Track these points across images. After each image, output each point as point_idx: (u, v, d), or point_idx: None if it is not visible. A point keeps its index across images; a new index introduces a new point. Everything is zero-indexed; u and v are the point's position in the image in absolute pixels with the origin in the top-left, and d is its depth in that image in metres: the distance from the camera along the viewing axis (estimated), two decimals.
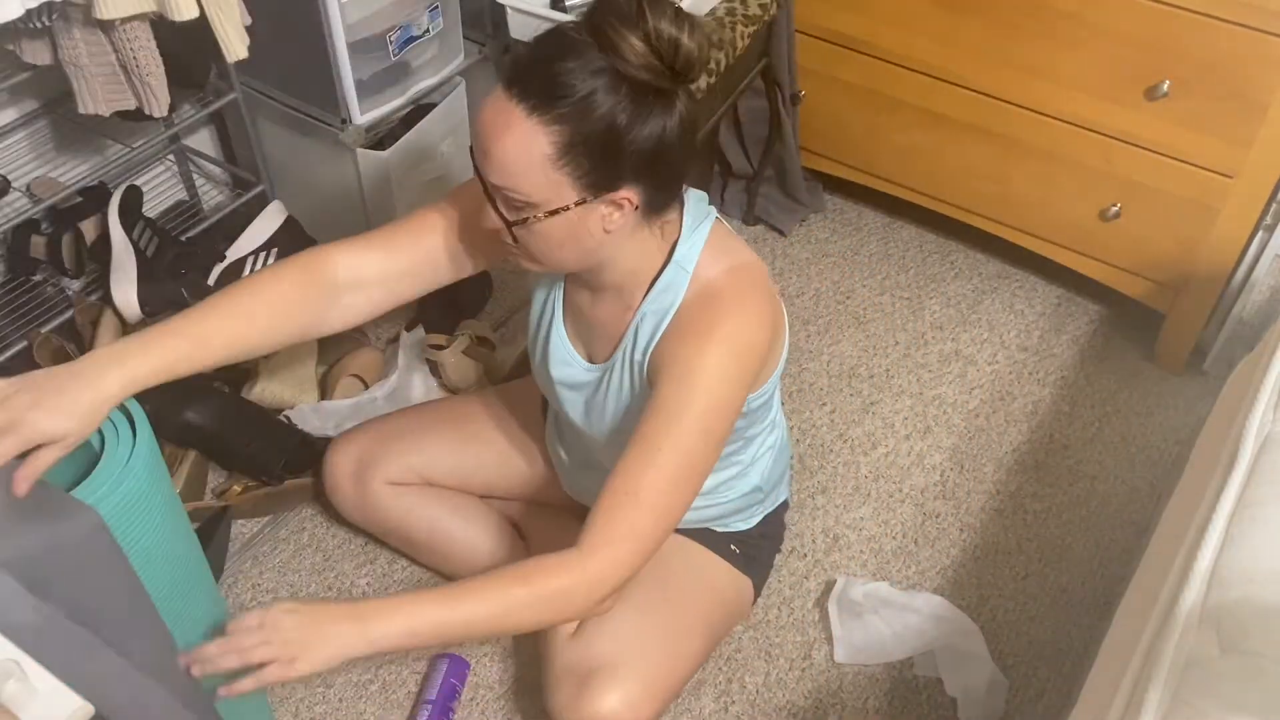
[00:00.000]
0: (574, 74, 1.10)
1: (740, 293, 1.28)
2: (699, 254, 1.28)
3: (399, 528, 1.69)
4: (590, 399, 1.43)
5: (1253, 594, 1.12)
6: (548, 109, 1.11)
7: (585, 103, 1.10)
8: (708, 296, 1.27)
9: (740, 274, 1.29)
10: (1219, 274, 1.98)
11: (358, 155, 1.95)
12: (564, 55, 1.11)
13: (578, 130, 1.11)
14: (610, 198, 1.17)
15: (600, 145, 1.12)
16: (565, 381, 1.44)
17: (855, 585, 1.71)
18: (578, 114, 1.11)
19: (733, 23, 1.94)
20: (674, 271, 1.28)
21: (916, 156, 2.19)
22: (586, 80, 1.10)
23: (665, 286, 1.29)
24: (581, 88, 1.10)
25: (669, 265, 1.29)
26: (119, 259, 1.85)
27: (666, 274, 1.29)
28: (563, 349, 1.42)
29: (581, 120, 1.11)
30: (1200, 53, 1.78)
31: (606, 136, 1.12)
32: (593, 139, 1.12)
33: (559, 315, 1.42)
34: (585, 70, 1.10)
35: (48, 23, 1.48)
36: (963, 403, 2.07)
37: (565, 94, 1.10)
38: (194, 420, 1.75)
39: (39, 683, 0.69)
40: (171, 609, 1.12)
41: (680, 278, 1.28)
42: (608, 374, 1.38)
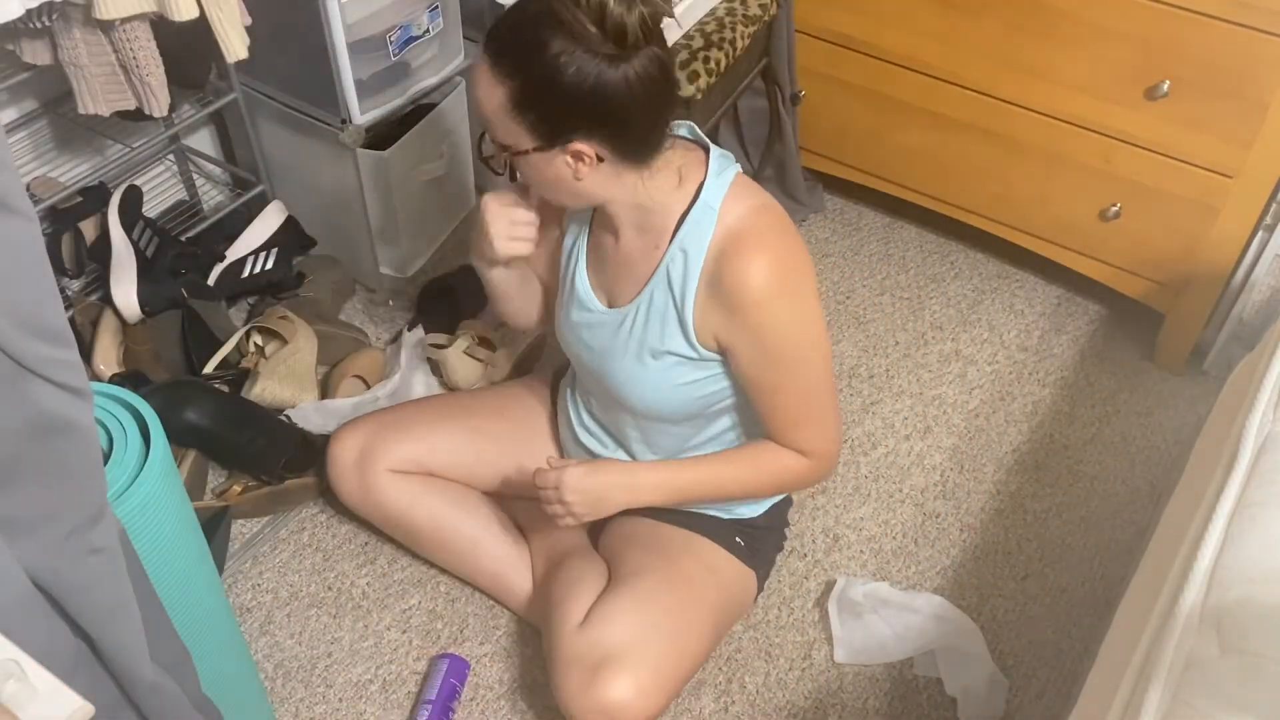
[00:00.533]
0: (524, 30, 1.23)
1: (764, 229, 1.36)
2: (725, 194, 1.36)
3: (401, 518, 1.69)
4: (609, 341, 1.47)
5: (1253, 594, 1.12)
6: (500, 63, 1.26)
7: (529, 58, 1.23)
8: (734, 238, 1.35)
9: (766, 212, 1.38)
10: (1219, 274, 1.98)
11: (358, 155, 1.95)
12: (523, 20, 1.24)
13: (525, 85, 1.24)
14: (568, 149, 1.28)
15: (544, 100, 1.25)
16: (584, 324, 1.49)
17: (855, 585, 1.71)
18: (524, 70, 1.24)
19: (733, 23, 1.94)
20: (701, 210, 1.36)
21: (917, 156, 2.19)
22: (534, 36, 1.22)
23: (694, 223, 1.36)
24: (529, 44, 1.23)
25: (696, 204, 1.36)
26: (119, 259, 1.85)
27: (694, 212, 1.36)
28: (584, 290, 1.48)
29: (527, 76, 1.24)
30: (1200, 53, 1.78)
31: (549, 93, 1.24)
32: (539, 94, 1.24)
33: (582, 262, 1.49)
34: (537, 27, 1.22)
35: (48, 23, 1.48)
36: (963, 403, 2.07)
37: (514, 50, 1.24)
38: (194, 420, 1.75)
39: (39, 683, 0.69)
40: (178, 609, 1.13)
41: (708, 215, 1.35)
42: (632, 314, 1.43)
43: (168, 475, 1.15)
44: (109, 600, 0.90)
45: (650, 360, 1.43)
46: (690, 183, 1.36)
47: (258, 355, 1.95)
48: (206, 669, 1.15)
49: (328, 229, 2.11)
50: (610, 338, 1.46)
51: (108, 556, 0.89)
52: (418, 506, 1.68)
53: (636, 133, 1.29)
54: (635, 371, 1.45)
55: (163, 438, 1.15)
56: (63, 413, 0.79)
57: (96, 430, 0.86)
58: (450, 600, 1.75)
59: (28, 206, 0.73)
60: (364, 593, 1.76)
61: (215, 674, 1.26)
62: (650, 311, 1.41)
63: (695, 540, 1.58)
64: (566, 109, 1.24)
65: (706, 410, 1.50)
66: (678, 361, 1.42)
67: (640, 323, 1.42)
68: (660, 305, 1.40)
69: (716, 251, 1.35)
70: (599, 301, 1.48)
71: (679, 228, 1.36)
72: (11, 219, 0.72)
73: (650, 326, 1.42)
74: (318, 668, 1.67)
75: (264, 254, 2.01)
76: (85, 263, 1.89)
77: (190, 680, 1.09)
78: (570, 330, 1.52)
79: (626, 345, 1.45)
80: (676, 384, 1.44)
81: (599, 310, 1.47)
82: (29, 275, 0.74)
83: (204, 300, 1.92)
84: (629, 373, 1.46)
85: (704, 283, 1.36)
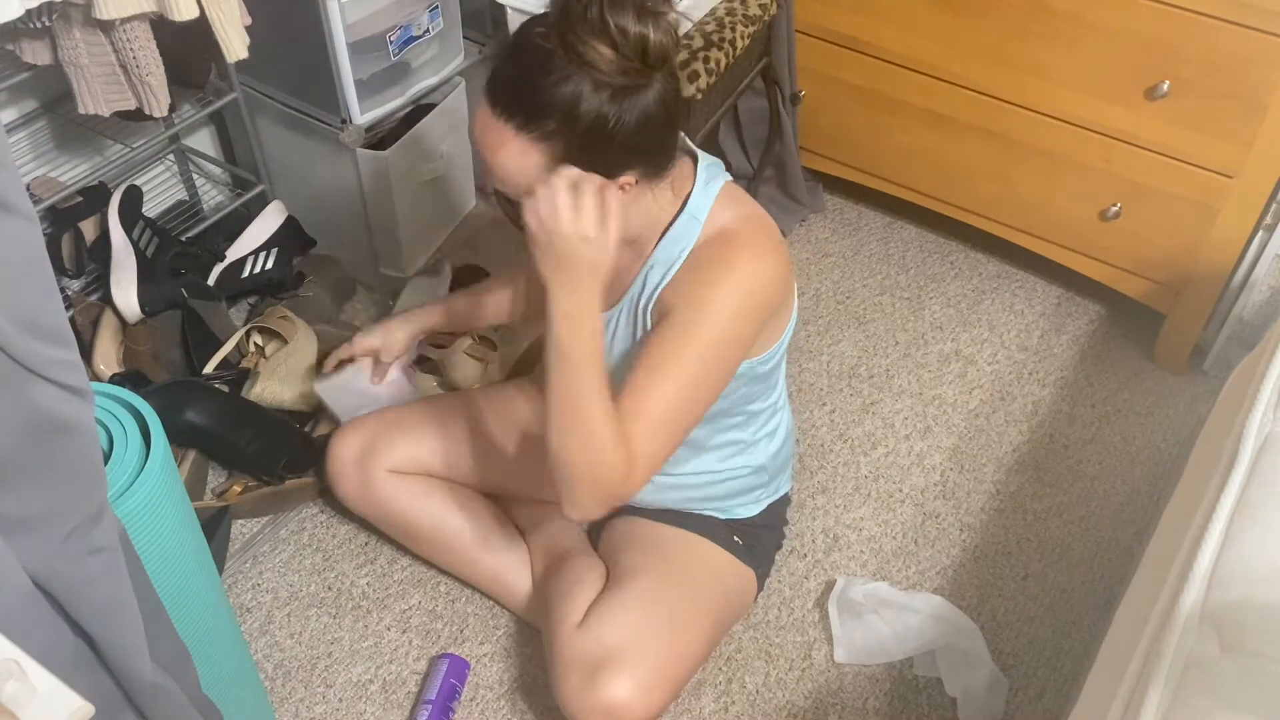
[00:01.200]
0: (554, 90, 1.14)
1: (754, 234, 1.33)
2: (711, 205, 1.33)
3: (400, 518, 1.69)
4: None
5: (1253, 594, 1.12)
6: (535, 126, 1.16)
7: (570, 115, 1.15)
8: (721, 238, 1.32)
9: (753, 221, 1.35)
10: (1219, 274, 1.98)
11: (358, 155, 1.95)
12: (540, 71, 1.14)
13: (568, 141, 1.16)
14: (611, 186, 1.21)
15: (592, 148, 1.17)
16: None
17: (855, 585, 1.71)
18: (565, 127, 1.15)
19: (733, 23, 1.94)
20: (686, 221, 1.33)
21: (917, 156, 2.19)
22: (567, 94, 1.14)
23: (677, 235, 1.34)
24: (563, 102, 1.14)
25: (681, 215, 1.33)
26: (119, 259, 1.85)
27: (679, 224, 1.33)
28: None
29: (570, 131, 1.16)
30: (1200, 53, 1.78)
31: (596, 140, 1.17)
32: (583, 145, 1.17)
33: None
34: (564, 84, 1.14)
35: (48, 23, 1.48)
36: (963, 403, 2.07)
37: (548, 111, 1.15)
38: (194, 420, 1.75)
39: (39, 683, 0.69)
40: (178, 608, 1.13)
41: (692, 226, 1.33)
42: (612, 322, 1.41)
43: (168, 475, 1.15)
44: (109, 600, 0.90)
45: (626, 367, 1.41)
46: (679, 193, 1.34)
47: (258, 355, 1.95)
48: (206, 669, 1.15)
49: (328, 229, 2.11)
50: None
51: (108, 556, 0.89)
52: (417, 507, 1.68)
53: (667, 150, 1.27)
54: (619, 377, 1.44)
55: (163, 438, 1.15)
56: (63, 413, 0.79)
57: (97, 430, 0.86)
58: (450, 600, 1.75)
59: (28, 206, 0.73)
60: (364, 593, 1.76)
61: (215, 674, 1.26)
62: (628, 319, 1.40)
63: (693, 540, 1.58)
64: (617, 151, 1.19)
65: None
66: None
67: (622, 328, 1.42)
68: (631, 312, 1.39)
69: (698, 248, 1.33)
70: None
71: (662, 238, 1.35)
72: (11, 219, 0.72)
73: (630, 331, 1.41)
74: (318, 668, 1.67)
75: (264, 254, 2.01)
76: (85, 263, 1.89)
77: (190, 680, 1.09)
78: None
79: (610, 350, 1.43)
80: None
81: None
82: (29, 275, 0.74)
83: (204, 300, 1.92)
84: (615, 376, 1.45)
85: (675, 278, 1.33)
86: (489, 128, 1.18)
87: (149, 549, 1.12)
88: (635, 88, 1.16)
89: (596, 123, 1.15)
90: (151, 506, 1.12)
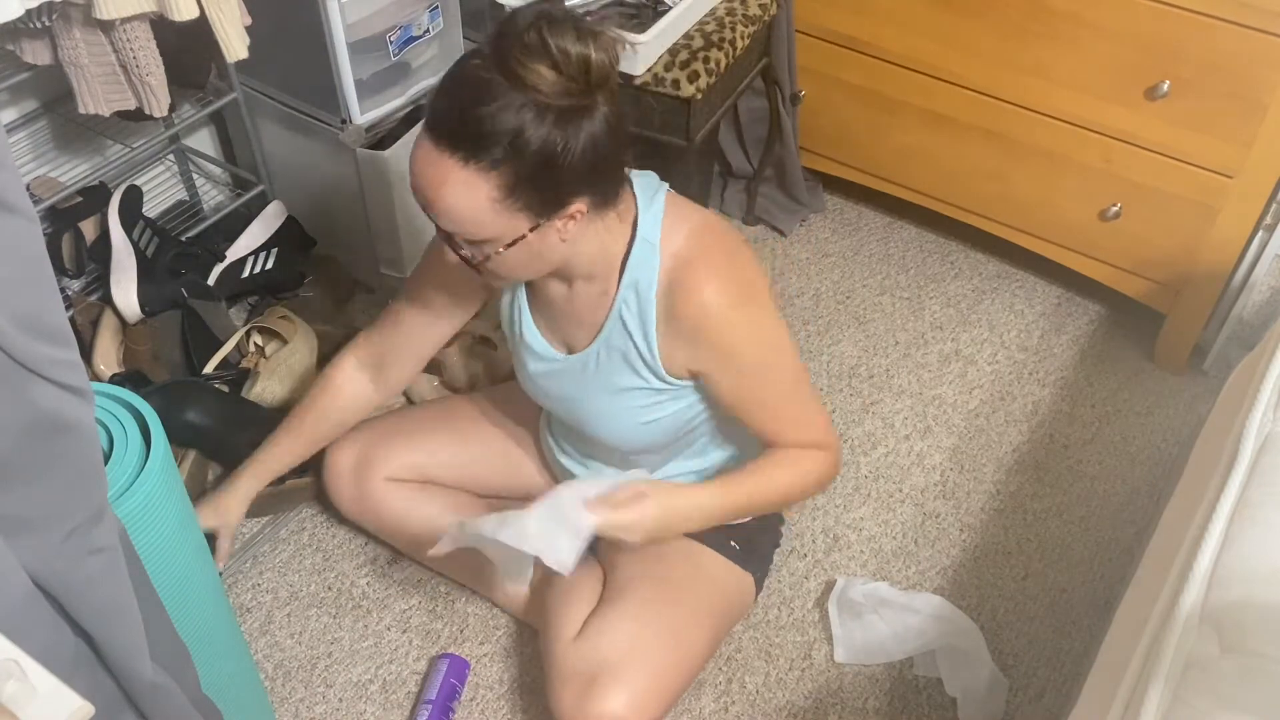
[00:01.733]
0: (497, 117, 1.11)
1: (707, 251, 1.32)
2: (660, 224, 1.32)
3: (398, 525, 1.69)
4: (573, 387, 1.44)
5: (1253, 594, 1.12)
6: (481, 157, 1.13)
7: (516, 143, 1.12)
8: (680, 269, 1.31)
9: (705, 234, 1.34)
10: (1219, 274, 1.98)
11: (358, 155, 1.95)
12: (482, 99, 1.12)
13: (516, 169, 1.13)
14: (562, 214, 1.20)
15: (541, 176, 1.15)
16: (543, 374, 1.46)
17: (855, 585, 1.71)
18: (512, 154, 1.12)
19: (733, 23, 1.94)
20: (641, 247, 1.31)
21: (917, 157, 2.19)
22: (511, 120, 1.11)
23: (637, 263, 1.32)
24: (508, 130, 1.11)
25: (635, 242, 1.31)
26: (119, 259, 1.85)
27: (635, 251, 1.32)
28: (537, 344, 1.45)
29: (518, 159, 1.13)
30: (1200, 53, 1.78)
31: (545, 167, 1.14)
32: (532, 173, 1.14)
33: (526, 315, 1.45)
34: (507, 110, 1.11)
35: (48, 23, 1.48)
36: (963, 403, 2.07)
37: (495, 140, 1.12)
38: (194, 420, 1.75)
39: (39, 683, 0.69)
40: (178, 608, 1.13)
41: (648, 252, 1.31)
42: (593, 359, 1.40)
43: (168, 475, 1.15)
44: (109, 600, 0.90)
45: (619, 397, 1.41)
46: (626, 218, 1.31)
47: (258, 355, 1.95)
48: (206, 669, 1.15)
49: (328, 229, 2.11)
50: (576, 383, 1.44)
51: (108, 556, 0.89)
52: (414, 514, 1.67)
53: (616, 177, 1.25)
54: (605, 410, 1.43)
55: (163, 438, 1.15)
56: (63, 412, 0.79)
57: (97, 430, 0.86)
58: (450, 600, 1.75)
59: (28, 206, 0.73)
60: (364, 593, 1.76)
61: (215, 674, 1.26)
62: (610, 352, 1.38)
63: (690, 547, 1.56)
64: (566, 178, 1.16)
65: (682, 433, 1.49)
66: (646, 394, 1.40)
67: (603, 363, 1.40)
68: (620, 345, 1.37)
69: (665, 286, 1.31)
70: (555, 350, 1.44)
71: (624, 269, 1.33)
72: (12, 219, 0.72)
73: (612, 366, 1.39)
74: (318, 668, 1.67)
75: (264, 254, 2.01)
76: (85, 263, 1.89)
77: (190, 680, 1.09)
78: (531, 382, 1.49)
79: (594, 387, 1.42)
80: (650, 417, 1.43)
81: (558, 358, 1.44)
82: (29, 275, 0.74)
83: (204, 300, 1.92)
84: (599, 411, 1.44)
85: (661, 319, 1.33)
86: (431, 163, 1.15)
87: (149, 549, 1.12)
88: (580, 109, 1.13)
89: (544, 148, 1.12)
90: (151, 506, 1.12)
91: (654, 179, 1.36)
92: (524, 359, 1.48)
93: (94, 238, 1.90)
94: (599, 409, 1.44)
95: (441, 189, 1.15)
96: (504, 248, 1.20)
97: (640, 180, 1.34)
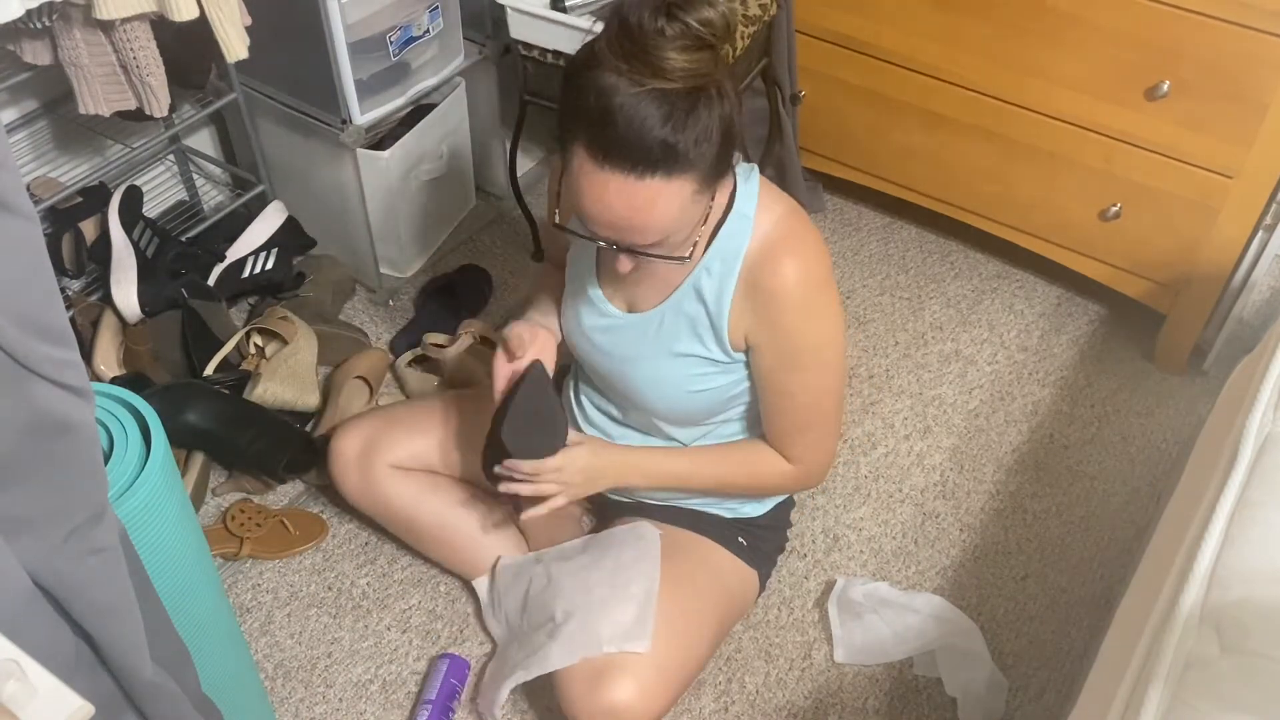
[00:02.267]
0: (676, 131, 1.14)
1: (800, 233, 1.37)
2: (756, 201, 1.36)
3: (402, 514, 1.69)
4: (629, 347, 1.45)
5: (1253, 594, 1.12)
6: (680, 167, 1.16)
7: (699, 144, 1.16)
8: (772, 244, 1.35)
9: (795, 216, 1.38)
10: (1219, 274, 1.98)
11: (358, 155, 1.95)
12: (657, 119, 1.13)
13: (708, 157, 1.18)
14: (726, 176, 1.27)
15: (724, 152, 1.20)
16: (600, 329, 1.47)
17: (855, 585, 1.71)
18: (699, 154, 1.16)
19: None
20: (737, 220, 1.36)
21: (917, 157, 2.19)
22: (694, 123, 1.14)
23: (730, 234, 1.36)
24: (689, 136, 1.14)
25: (730, 214, 1.35)
26: (119, 259, 1.85)
27: (730, 223, 1.35)
28: (598, 299, 1.47)
29: (701, 155, 1.17)
30: (1200, 53, 1.78)
31: (725, 143, 1.19)
32: (719, 152, 1.19)
33: (593, 269, 1.47)
34: (680, 119, 1.13)
35: (48, 23, 1.48)
36: (963, 403, 2.07)
37: (683, 150, 1.15)
38: (195, 422, 1.75)
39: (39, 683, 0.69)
40: (179, 608, 1.13)
41: (744, 225, 1.35)
42: (656, 320, 1.42)
43: (168, 475, 1.15)
44: (110, 600, 0.90)
45: (674, 362, 1.43)
46: (723, 191, 1.34)
47: (258, 356, 1.95)
48: (207, 669, 1.15)
49: (328, 229, 2.11)
50: (633, 343, 1.45)
51: (108, 556, 0.89)
52: (419, 503, 1.67)
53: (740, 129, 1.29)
54: (658, 374, 1.45)
55: (163, 438, 1.15)
56: (64, 412, 0.79)
57: (97, 430, 0.86)
58: (450, 600, 1.75)
59: (28, 206, 0.73)
60: (364, 593, 1.76)
61: (215, 674, 1.26)
62: (678, 318, 1.41)
63: (698, 541, 1.58)
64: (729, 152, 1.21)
65: (724, 410, 1.50)
66: (702, 364, 1.42)
67: (666, 327, 1.42)
68: (690, 312, 1.40)
69: (753, 258, 1.35)
70: (615, 307, 1.46)
71: (714, 238, 1.36)
72: (12, 219, 0.72)
73: (677, 331, 1.41)
74: (318, 668, 1.67)
75: (264, 254, 2.01)
76: (85, 263, 1.89)
77: (190, 680, 1.09)
78: (582, 335, 1.50)
79: (650, 349, 1.44)
80: (699, 386, 1.45)
81: (617, 315, 1.45)
82: (30, 275, 0.74)
83: (204, 300, 1.92)
84: (651, 375, 1.45)
85: (741, 288, 1.36)
86: (633, 191, 1.16)
87: (149, 549, 1.12)
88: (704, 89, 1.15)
89: (725, 126, 1.17)
90: (152, 506, 1.12)
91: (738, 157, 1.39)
92: (580, 313, 1.49)
93: (94, 238, 1.90)
94: (651, 374, 1.45)
95: (653, 209, 1.18)
96: (695, 227, 1.26)
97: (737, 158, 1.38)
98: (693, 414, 1.50)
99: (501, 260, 2.29)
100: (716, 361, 1.42)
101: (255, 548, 1.76)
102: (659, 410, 1.49)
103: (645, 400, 1.48)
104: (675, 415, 1.50)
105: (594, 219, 1.21)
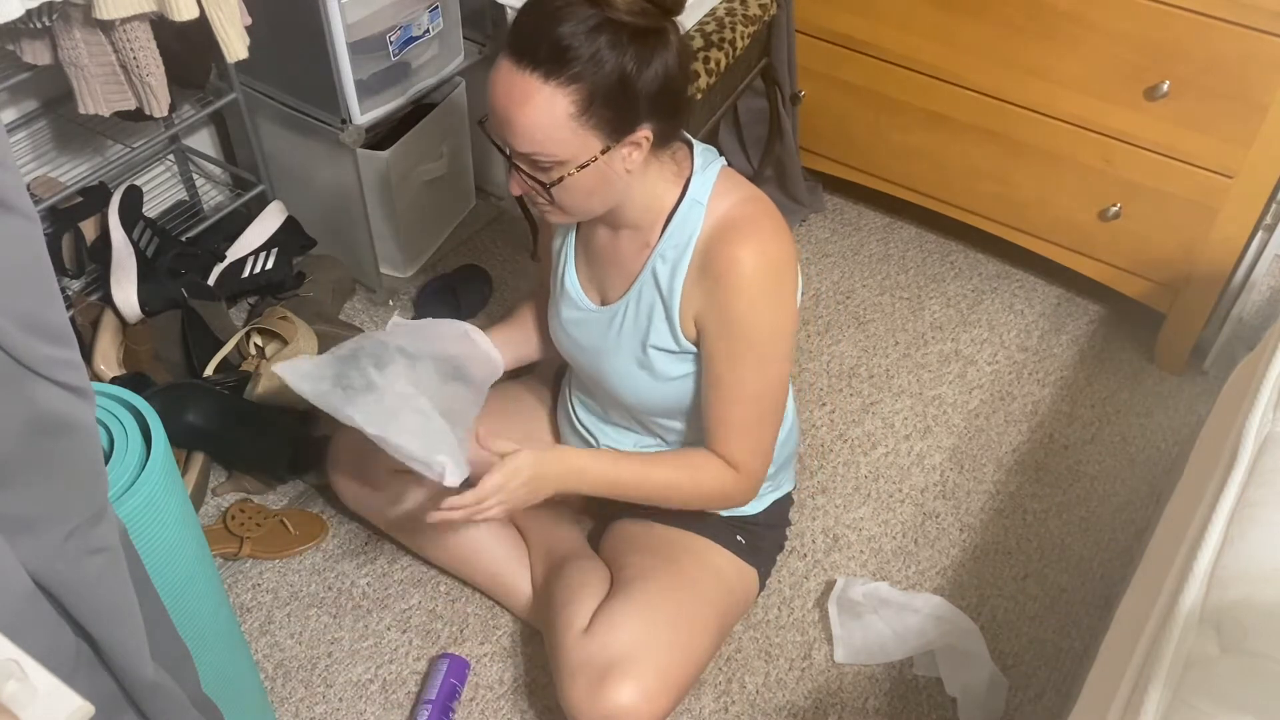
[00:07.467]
0: (577, 34, 1.18)
1: (756, 217, 1.36)
2: (711, 188, 1.36)
3: (400, 517, 1.69)
4: (599, 339, 1.47)
5: (1253, 594, 1.12)
6: (561, 72, 1.19)
7: (594, 59, 1.19)
8: (725, 230, 1.34)
9: (754, 203, 1.37)
10: (1219, 274, 1.98)
11: (358, 155, 1.95)
12: (562, 18, 1.19)
13: (594, 86, 1.20)
14: (630, 139, 1.25)
15: (617, 94, 1.21)
16: (574, 322, 1.49)
17: (855, 585, 1.71)
18: (590, 71, 1.19)
19: (733, 23, 1.94)
20: (689, 206, 1.36)
21: (917, 157, 2.19)
22: (590, 37, 1.18)
23: (682, 221, 1.36)
24: (588, 46, 1.18)
25: (683, 200, 1.36)
26: (119, 259, 1.85)
27: (682, 209, 1.36)
28: (574, 290, 1.48)
29: (595, 75, 1.19)
30: (1200, 53, 1.78)
31: (621, 85, 1.20)
32: (609, 90, 1.20)
33: (570, 261, 1.49)
34: (585, 28, 1.18)
35: (48, 23, 1.48)
36: (963, 403, 2.07)
37: (575, 55, 1.18)
38: (195, 422, 1.75)
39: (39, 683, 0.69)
40: (179, 608, 1.13)
41: (695, 211, 1.36)
42: (621, 311, 1.43)
43: (169, 475, 1.15)
44: (110, 600, 0.90)
45: (642, 356, 1.44)
46: (681, 175, 1.37)
47: (258, 356, 1.95)
48: (207, 669, 1.15)
49: (328, 229, 2.11)
50: (602, 335, 1.47)
51: (109, 556, 0.89)
52: (419, 508, 1.67)
53: (681, 109, 1.30)
54: (628, 368, 1.46)
55: (163, 438, 1.15)
56: (64, 412, 0.79)
57: (97, 430, 0.86)
58: (450, 600, 1.75)
59: (28, 206, 0.73)
60: (364, 593, 1.76)
61: (215, 674, 1.26)
62: (639, 307, 1.42)
63: (696, 541, 1.58)
64: (639, 94, 1.22)
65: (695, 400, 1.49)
66: (666, 356, 1.43)
67: (630, 319, 1.43)
68: (648, 300, 1.41)
69: (705, 241, 1.35)
70: (589, 300, 1.48)
71: (668, 224, 1.37)
72: (12, 219, 0.72)
73: (639, 322, 1.42)
74: (318, 668, 1.67)
75: (264, 254, 2.01)
76: (85, 263, 1.89)
77: (190, 680, 1.09)
78: (562, 329, 1.52)
79: (619, 342, 1.45)
80: (669, 378, 1.45)
81: (590, 308, 1.48)
82: (30, 275, 0.74)
83: (204, 300, 1.92)
84: (623, 370, 1.46)
85: (692, 271, 1.36)
86: (513, 82, 1.20)
87: (149, 549, 1.13)
88: (654, 33, 1.20)
89: (620, 65, 1.19)
90: (152, 506, 1.12)
91: (714, 151, 1.40)
92: (560, 307, 1.51)
93: (94, 238, 1.90)
94: (622, 368, 1.46)
95: (524, 106, 1.20)
96: (576, 169, 1.25)
97: (700, 147, 1.39)
98: (666, 405, 1.50)
99: (501, 260, 2.29)
100: (673, 352, 1.43)
101: (255, 548, 1.76)
102: (631, 402, 1.50)
103: (618, 392, 1.49)
104: (648, 406, 1.51)
105: (489, 109, 1.25)
